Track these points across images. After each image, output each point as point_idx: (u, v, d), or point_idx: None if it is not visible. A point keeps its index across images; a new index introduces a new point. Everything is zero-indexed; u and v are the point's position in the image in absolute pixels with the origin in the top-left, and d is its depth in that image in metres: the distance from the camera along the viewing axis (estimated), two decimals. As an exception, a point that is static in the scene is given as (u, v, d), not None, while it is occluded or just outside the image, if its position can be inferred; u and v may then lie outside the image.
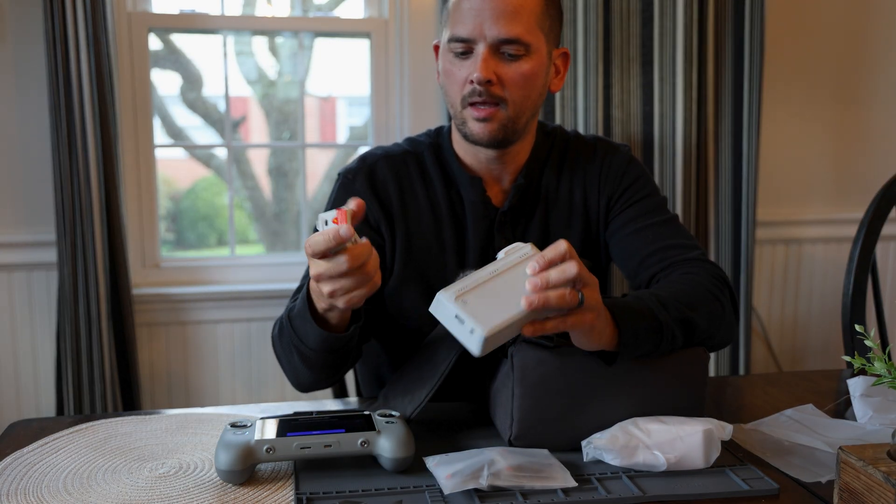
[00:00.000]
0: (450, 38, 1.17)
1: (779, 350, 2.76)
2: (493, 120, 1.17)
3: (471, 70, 1.15)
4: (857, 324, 0.99)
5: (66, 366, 2.18)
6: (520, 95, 1.17)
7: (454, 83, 1.18)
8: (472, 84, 1.15)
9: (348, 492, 0.92)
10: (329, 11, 2.56)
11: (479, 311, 0.88)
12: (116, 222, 2.18)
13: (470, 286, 0.90)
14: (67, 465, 1.02)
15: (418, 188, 1.26)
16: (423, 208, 1.26)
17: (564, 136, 1.34)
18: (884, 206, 1.58)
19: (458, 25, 1.15)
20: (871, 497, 0.79)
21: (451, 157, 1.28)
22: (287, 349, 1.13)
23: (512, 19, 1.13)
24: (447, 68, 1.19)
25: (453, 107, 1.21)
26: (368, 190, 1.25)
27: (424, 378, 1.07)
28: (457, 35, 1.15)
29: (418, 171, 1.27)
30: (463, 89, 1.17)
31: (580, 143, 1.33)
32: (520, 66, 1.16)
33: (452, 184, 1.27)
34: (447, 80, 1.20)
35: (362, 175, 1.26)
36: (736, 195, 2.47)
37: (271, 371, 2.45)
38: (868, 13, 2.69)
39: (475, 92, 1.15)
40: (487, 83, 1.14)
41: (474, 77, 1.14)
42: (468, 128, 1.19)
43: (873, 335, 0.93)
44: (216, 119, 2.54)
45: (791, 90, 2.66)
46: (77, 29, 2.07)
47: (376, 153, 1.30)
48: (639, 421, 1.01)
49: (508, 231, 1.27)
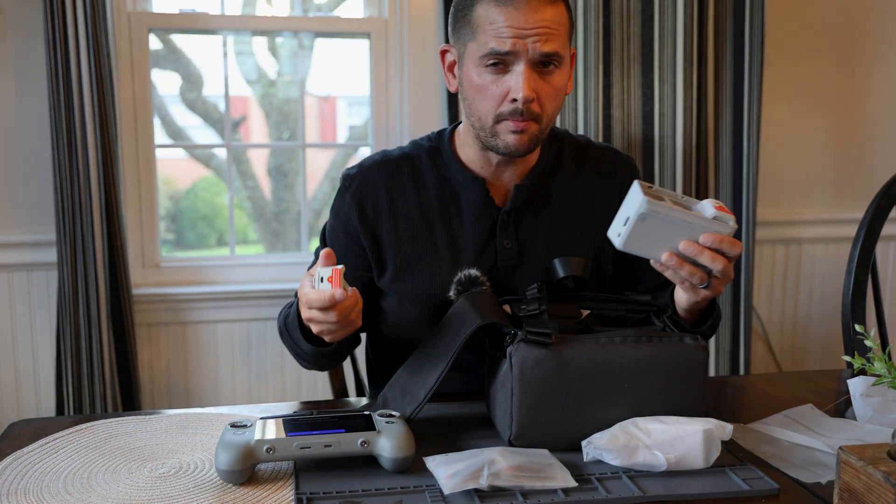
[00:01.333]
0: (486, 54, 1.15)
1: (779, 350, 2.76)
2: (527, 132, 1.18)
3: (508, 86, 1.15)
4: (857, 324, 0.99)
5: (66, 366, 2.18)
6: (552, 107, 1.19)
7: (488, 98, 1.17)
8: (514, 103, 1.15)
9: (348, 492, 0.93)
10: (329, 11, 2.56)
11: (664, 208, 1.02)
12: (116, 222, 2.18)
13: (661, 212, 1.01)
14: (67, 465, 1.02)
15: (409, 191, 1.28)
16: (413, 210, 1.27)
17: (576, 142, 1.35)
18: (884, 206, 1.58)
19: (496, 39, 1.14)
20: (871, 497, 0.79)
21: (450, 159, 1.28)
22: (290, 343, 1.27)
23: (554, 36, 1.14)
24: (478, 83, 1.17)
25: (482, 120, 1.19)
26: (354, 201, 1.28)
27: (424, 378, 1.07)
28: (496, 50, 1.14)
29: (411, 174, 1.29)
30: (500, 105, 1.17)
31: (598, 152, 1.35)
32: (553, 79, 1.17)
33: (448, 185, 1.28)
34: (478, 94, 1.18)
35: (356, 184, 1.29)
36: (736, 195, 2.47)
37: (271, 371, 2.46)
38: (868, 13, 2.69)
39: (517, 111, 1.15)
40: (530, 101, 1.15)
41: (519, 96, 1.14)
42: (501, 140, 1.19)
43: (873, 335, 0.93)
44: (216, 119, 2.54)
45: (791, 90, 2.66)
46: (77, 29, 2.07)
47: (375, 158, 1.32)
48: (639, 421, 1.01)
49: (511, 230, 1.27)
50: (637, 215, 1.00)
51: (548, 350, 1.01)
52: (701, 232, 1.02)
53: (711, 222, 1.02)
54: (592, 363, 1.02)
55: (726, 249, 1.03)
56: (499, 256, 1.25)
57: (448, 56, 1.25)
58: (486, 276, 1.25)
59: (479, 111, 1.19)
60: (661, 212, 1.00)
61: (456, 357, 1.05)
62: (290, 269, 2.48)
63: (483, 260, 1.25)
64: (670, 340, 1.05)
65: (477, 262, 1.25)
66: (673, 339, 1.05)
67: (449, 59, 1.25)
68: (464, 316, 1.08)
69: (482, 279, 1.24)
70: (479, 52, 1.15)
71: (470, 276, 1.24)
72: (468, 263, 1.25)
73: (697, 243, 1.03)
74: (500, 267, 1.26)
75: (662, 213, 1.00)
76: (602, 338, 1.04)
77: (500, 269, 1.26)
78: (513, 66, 1.15)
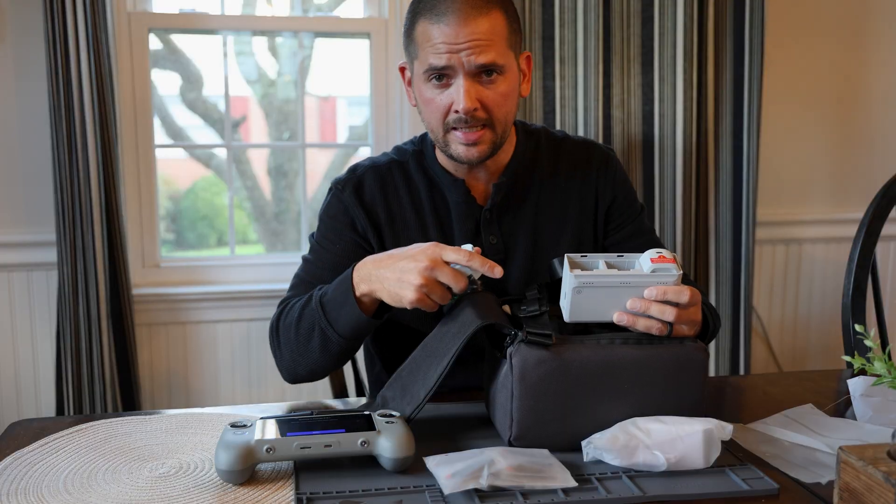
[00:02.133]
0: (426, 70, 1.20)
1: (779, 350, 2.76)
2: (481, 142, 1.23)
3: (452, 98, 1.20)
4: (857, 324, 0.99)
5: (66, 366, 2.18)
6: (502, 113, 1.23)
7: (435, 111, 1.23)
8: (457, 113, 1.20)
9: (348, 492, 0.93)
10: (329, 11, 2.56)
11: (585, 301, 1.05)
12: (116, 222, 2.18)
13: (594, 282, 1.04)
14: (67, 465, 1.02)
15: (403, 194, 1.33)
16: (408, 213, 1.33)
17: (552, 137, 1.40)
18: (884, 206, 1.58)
19: (433, 56, 1.19)
20: (871, 497, 0.79)
21: (433, 162, 1.34)
22: (305, 334, 1.20)
23: (487, 47, 1.18)
24: (426, 97, 1.23)
25: (434, 132, 1.26)
26: (356, 200, 1.32)
27: (423, 378, 1.07)
28: (434, 65, 1.19)
29: (403, 179, 1.34)
30: (446, 116, 1.22)
31: (573, 146, 1.40)
32: (497, 86, 1.21)
33: (436, 187, 1.34)
34: (427, 107, 1.24)
35: (350, 186, 1.33)
36: (736, 195, 2.47)
37: (271, 371, 2.45)
38: (868, 13, 2.69)
39: (461, 120, 1.20)
40: (473, 111, 1.19)
41: (460, 107, 1.19)
42: (453, 150, 1.24)
43: (873, 335, 0.93)
44: (216, 119, 2.54)
45: (791, 90, 2.66)
46: (77, 29, 2.07)
47: (364, 164, 1.37)
48: (639, 421, 1.01)
49: (495, 227, 1.33)
50: (572, 290, 1.03)
51: (548, 351, 1.01)
52: (644, 287, 1.04)
53: (651, 276, 1.04)
54: (593, 364, 1.02)
55: (672, 298, 1.03)
56: (485, 252, 1.30)
57: (406, 73, 1.31)
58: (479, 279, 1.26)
59: (430, 123, 1.25)
60: (594, 281, 1.03)
61: (455, 358, 1.05)
62: (290, 269, 2.46)
63: None
64: (670, 342, 1.05)
65: None
66: (673, 341, 1.05)
67: (407, 76, 1.31)
68: (464, 316, 1.08)
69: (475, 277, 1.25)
70: (422, 68, 1.22)
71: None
72: None
73: (643, 299, 1.04)
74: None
75: (596, 281, 1.03)
76: (602, 339, 1.04)
77: None
78: (453, 79, 1.20)
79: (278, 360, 1.27)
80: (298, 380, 1.26)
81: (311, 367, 1.23)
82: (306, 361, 1.22)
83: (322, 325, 1.17)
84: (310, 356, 1.21)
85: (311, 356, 1.21)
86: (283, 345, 1.24)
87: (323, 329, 1.17)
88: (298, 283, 1.32)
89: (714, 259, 2.50)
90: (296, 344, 1.22)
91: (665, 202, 2.43)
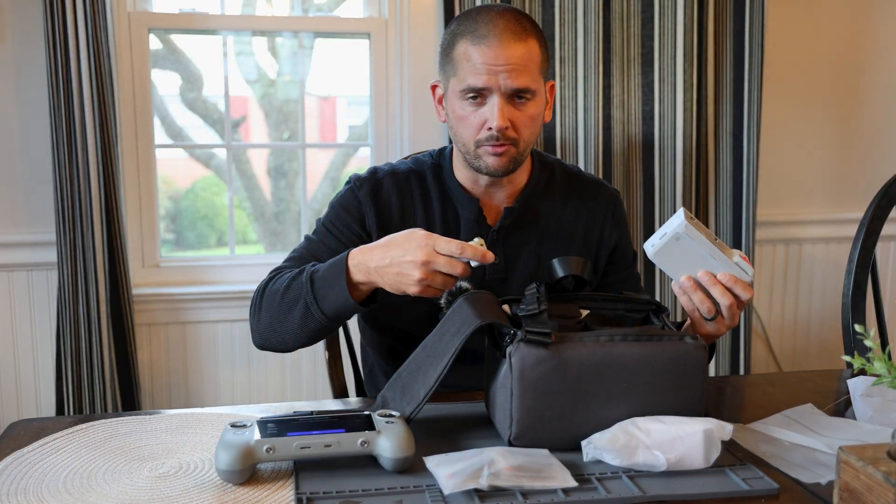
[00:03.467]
0: (464, 89, 1.27)
1: (779, 350, 2.76)
2: (505, 155, 1.29)
3: (485, 117, 1.27)
4: (857, 324, 0.99)
5: (66, 366, 2.18)
6: (528, 134, 1.31)
7: (468, 127, 1.30)
8: (490, 130, 1.27)
9: (348, 492, 0.93)
10: (329, 11, 2.56)
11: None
12: (116, 222, 2.18)
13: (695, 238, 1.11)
14: (67, 465, 1.02)
15: (417, 205, 1.38)
16: (420, 222, 1.37)
17: (566, 170, 1.47)
18: (884, 206, 1.58)
19: (472, 76, 1.26)
20: (871, 497, 0.79)
21: (450, 178, 1.39)
22: (288, 305, 1.23)
23: (523, 72, 1.26)
24: (460, 114, 1.30)
25: (465, 146, 1.32)
26: (370, 200, 1.36)
27: (423, 378, 1.07)
28: (472, 86, 1.26)
29: (419, 190, 1.39)
30: (478, 133, 1.29)
31: (586, 182, 1.47)
32: (528, 109, 1.29)
33: (449, 202, 1.39)
34: (460, 123, 1.31)
35: (368, 185, 1.38)
36: (736, 195, 2.47)
37: (271, 371, 2.46)
38: (868, 13, 2.69)
39: (492, 137, 1.27)
40: (504, 129, 1.27)
41: (494, 125, 1.26)
42: (483, 162, 1.31)
43: (873, 335, 0.93)
44: (216, 119, 2.54)
45: (791, 90, 2.66)
46: (77, 29, 2.07)
47: (384, 168, 1.42)
48: (639, 421, 1.01)
49: (499, 248, 1.37)
50: (673, 234, 1.11)
51: (547, 350, 1.01)
52: (721, 268, 1.13)
53: (733, 265, 1.13)
54: (592, 363, 1.02)
55: (738, 290, 1.13)
56: (487, 270, 1.35)
57: (438, 90, 1.38)
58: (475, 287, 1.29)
59: (463, 138, 1.31)
60: (694, 238, 1.10)
61: (455, 357, 1.05)
62: (290, 269, 2.48)
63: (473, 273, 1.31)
64: (670, 339, 1.05)
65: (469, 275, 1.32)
66: (672, 339, 1.05)
67: (438, 93, 1.38)
68: (463, 316, 1.08)
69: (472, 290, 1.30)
70: (459, 86, 1.28)
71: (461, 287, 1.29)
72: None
73: (714, 276, 1.13)
74: (489, 280, 1.36)
75: (696, 239, 1.11)
76: (602, 336, 1.04)
77: (489, 283, 1.35)
78: (488, 99, 1.27)
79: (254, 323, 1.30)
80: (267, 346, 1.30)
81: (284, 337, 1.26)
82: (282, 330, 1.25)
83: (308, 300, 1.20)
84: (287, 326, 1.24)
85: (288, 326, 1.24)
86: (265, 309, 1.27)
87: (308, 304, 1.21)
88: (295, 257, 1.35)
89: (714, 259, 2.50)
90: (277, 311, 1.25)
91: (665, 202, 2.43)
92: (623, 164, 2.39)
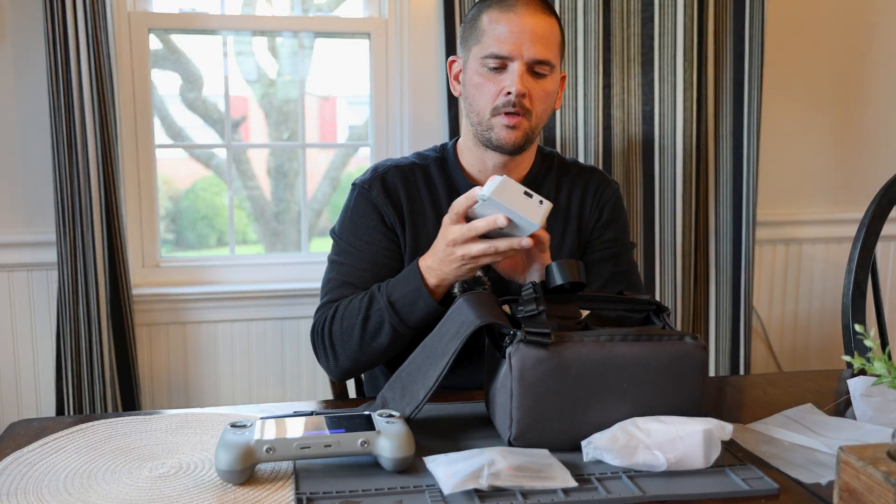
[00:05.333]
0: (487, 55, 1.30)
1: (779, 350, 2.76)
2: (518, 128, 1.32)
3: (503, 83, 1.30)
4: (857, 324, 0.99)
5: (66, 366, 2.18)
6: (541, 109, 1.34)
7: (485, 93, 1.32)
8: (508, 96, 1.29)
9: (348, 492, 0.93)
10: (329, 11, 2.56)
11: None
12: (116, 222, 2.18)
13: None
14: (67, 465, 1.02)
15: (424, 196, 1.40)
16: (429, 214, 1.39)
17: (563, 160, 1.51)
18: (884, 205, 1.58)
19: (497, 44, 1.30)
20: (871, 497, 0.79)
21: (455, 168, 1.43)
22: (371, 334, 1.27)
23: (546, 44, 1.31)
24: (478, 80, 1.33)
25: (480, 115, 1.34)
26: (384, 196, 1.39)
27: (423, 378, 1.07)
28: (496, 53, 1.30)
29: (424, 180, 1.42)
30: (496, 99, 1.31)
31: (579, 169, 1.51)
32: (544, 83, 1.33)
33: (455, 191, 1.40)
34: (476, 90, 1.33)
35: (375, 184, 1.40)
36: (736, 195, 2.47)
37: (271, 371, 2.46)
38: (868, 13, 2.69)
39: (509, 103, 1.30)
40: (521, 96, 1.29)
41: (513, 90, 1.29)
42: (495, 133, 1.33)
43: (873, 335, 0.93)
44: (216, 119, 2.54)
45: (791, 90, 2.66)
46: (77, 29, 2.07)
47: (387, 164, 1.44)
48: (639, 421, 1.01)
49: None
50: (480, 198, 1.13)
51: (547, 350, 1.01)
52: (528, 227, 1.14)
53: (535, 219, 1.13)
54: (592, 363, 1.02)
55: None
56: None
57: (455, 65, 1.41)
58: (485, 274, 1.36)
59: (478, 105, 1.33)
60: (495, 204, 1.11)
61: (455, 357, 1.05)
62: (290, 269, 2.48)
63: None
64: (670, 339, 1.05)
65: None
66: (672, 339, 1.05)
67: (456, 69, 1.41)
68: (463, 316, 1.08)
69: (483, 279, 1.36)
70: (482, 53, 1.31)
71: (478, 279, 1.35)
72: None
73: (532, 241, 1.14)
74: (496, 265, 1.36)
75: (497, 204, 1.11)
76: (602, 336, 1.04)
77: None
78: (509, 66, 1.30)
79: (331, 363, 1.32)
80: (350, 376, 1.35)
81: (371, 362, 1.31)
82: (368, 360, 1.30)
83: (394, 323, 1.24)
84: (374, 353, 1.28)
85: (375, 352, 1.28)
86: (340, 346, 1.30)
87: (394, 326, 1.25)
88: (337, 286, 1.37)
89: (714, 259, 2.50)
90: (359, 343, 1.28)
91: (665, 202, 2.43)
92: (623, 163, 2.39)
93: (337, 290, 1.35)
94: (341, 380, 1.36)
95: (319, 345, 1.33)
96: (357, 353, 1.29)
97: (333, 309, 1.32)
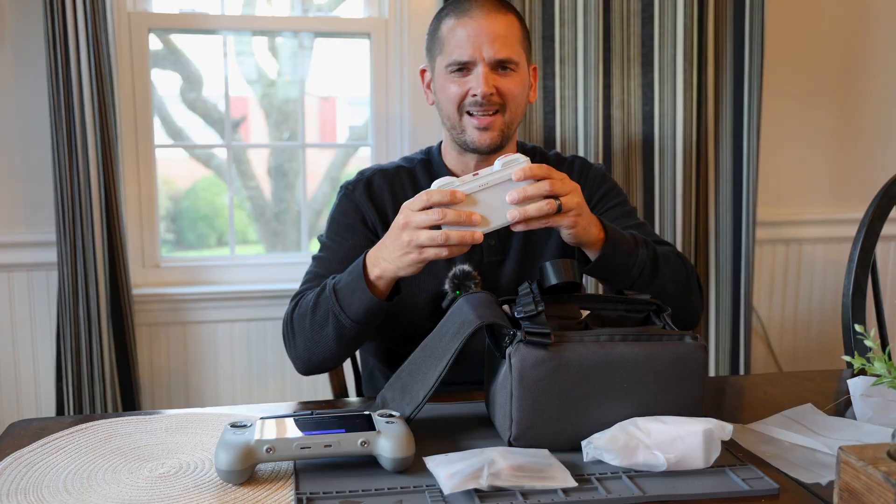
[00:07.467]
0: (450, 63, 1.34)
1: (779, 350, 2.76)
2: (492, 128, 1.35)
3: (470, 85, 1.33)
4: (857, 324, 0.99)
5: (66, 366, 2.18)
6: (514, 103, 1.36)
7: (451, 96, 1.35)
8: (475, 97, 1.32)
9: (348, 492, 0.93)
10: (329, 11, 2.56)
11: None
12: (116, 222, 2.18)
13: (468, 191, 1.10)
14: (67, 465, 1.02)
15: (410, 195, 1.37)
16: None
17: (545, 153, 1.52)
18: (884, 205, 1.58)
19: (457, 50, 1.33)
20: (871, 497, 0.79)
21: (441, 169, 1.45)
22: (320, 322, 1.25)
23: (505, 42, 1.33)
24: (444, 85, 1.36)
25: (450, 118, 1.37)
26: (367, 198, 1.42)
27: (423, 378, 1.07)
28: (457, 59, 1.33)
29: (410, 182, 1.44)
30: (462, 100, 1.34)
31: (561, 158, 1.51)
32: (512, 79, 1.35)
33: None
34: (443, 95, 1.37)
35: (360, 186, 1.43)
36: (736, 195, 2.47)
37: (271, 371, 2.46)
38: (868, 13, 2.69)
39: (476, 103, 1.33)
40: (490, 95, 1.32)
41: (478, 91, 1.31)
42: (468, 135, 1.36)
43: (873, 335, 0.93)
44: (216, 119, 2.54)
45: (791, 90, 2.66)
46: (77, 29, 2.07)
47: (372, 168, 1.47)
48: (639, 421, 1.01)
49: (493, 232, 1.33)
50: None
51: (547, 351, 1.01)
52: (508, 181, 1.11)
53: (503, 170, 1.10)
54: (591, 363, 1.02)
55: (538, 174, 1.11)
56: (485, 252, 1.42)
57: (426, 75, 1.44)
58: (476, 270, 1.36)
59: (447, 110, 1.37)
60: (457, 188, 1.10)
61: (455, 357, 1.05)
62: (290, 269, 2.48)
63: (472, 256, 1.40)
64: (670, 339, 1.05)
65: (468, 258, 1.38)
66: (672, 339, 1.05)
67: (427, 78, 1.44)
68: (463, 316, 1.08)
69: (474, 273, 1.35)
70: (445, 61, 1.35)
71: (464, 270, 1.34)
72: (461, 260, 1.37)
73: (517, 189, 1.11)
74: (487, 262, 1.41)
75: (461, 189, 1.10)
76: (602, 336, 1.04)
77: (487, 264, 1.42)
78: (473, 70, 1.33)
79: (292, 351, 1.32)
80: (312, 369, 1.32)
81: (324, 354, 1.28)
82: (320, 349, 1.27)
83: (335, 312, 1.23)
84: (324, 343, 1.26)
85: (325, 343, 1.26)
86: (297, 334, 1.29)
87: (336, 315, 1.23)
88: (311, 278, 1.38)
89: (714, 259, 2.50)
90: (310, 332, 1.27)
91: (665, 202, 2.43)
92: (623, 163, 2.39)
93: (310, 282, 1.36)
94: (304, 372, 1.33)
95: (283, 333, 1.33)
96: (309, 343, 1.27)
97: (300, 297, 1.32)
